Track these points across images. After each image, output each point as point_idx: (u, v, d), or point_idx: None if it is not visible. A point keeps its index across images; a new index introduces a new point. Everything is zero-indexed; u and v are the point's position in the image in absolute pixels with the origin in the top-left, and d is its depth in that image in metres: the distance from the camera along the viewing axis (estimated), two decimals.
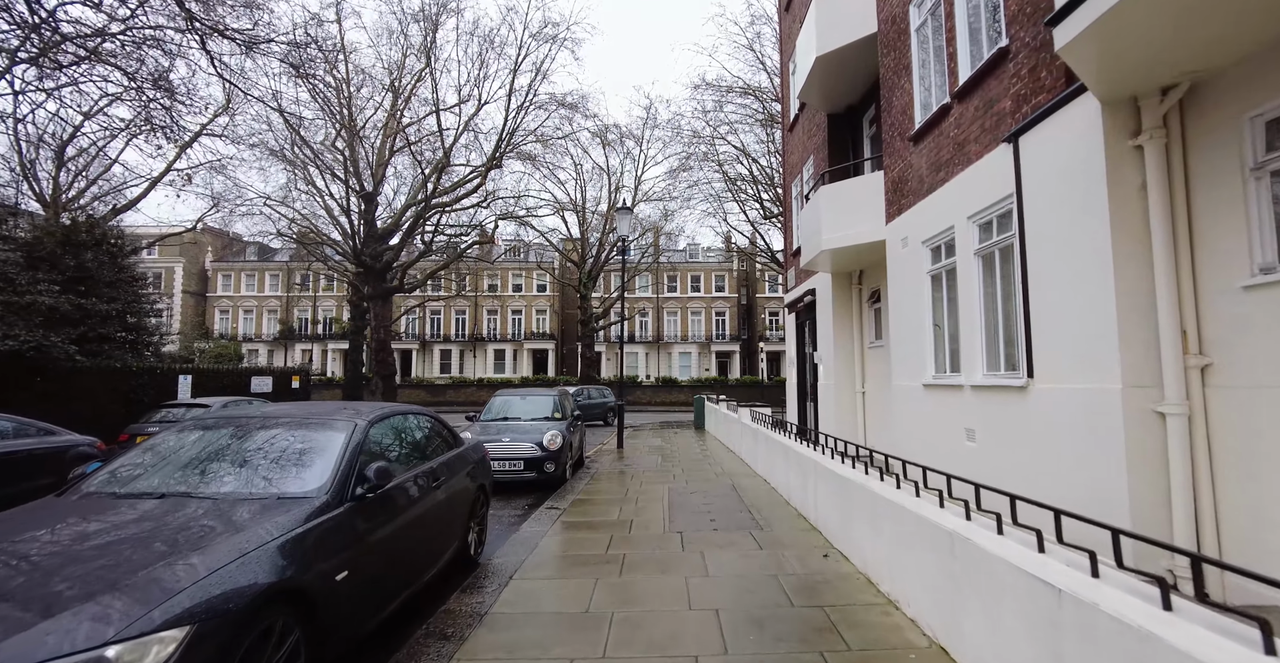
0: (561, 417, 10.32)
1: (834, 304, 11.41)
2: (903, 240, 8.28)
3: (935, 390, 7.35)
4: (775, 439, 8.17)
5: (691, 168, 30.89)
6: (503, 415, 10.34)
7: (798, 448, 6.86)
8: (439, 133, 25.01)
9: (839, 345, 11.35)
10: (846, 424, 11.13)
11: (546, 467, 9.01)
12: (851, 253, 9.86)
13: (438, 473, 4.78)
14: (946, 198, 7.06)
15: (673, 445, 14.27)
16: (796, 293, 13.83)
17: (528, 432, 9.44)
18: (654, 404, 39.50)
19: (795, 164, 14.24)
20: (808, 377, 13.64)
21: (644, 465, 10.88)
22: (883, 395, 10.28)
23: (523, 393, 11.08)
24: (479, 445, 6.14)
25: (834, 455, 5.99)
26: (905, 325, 8.26)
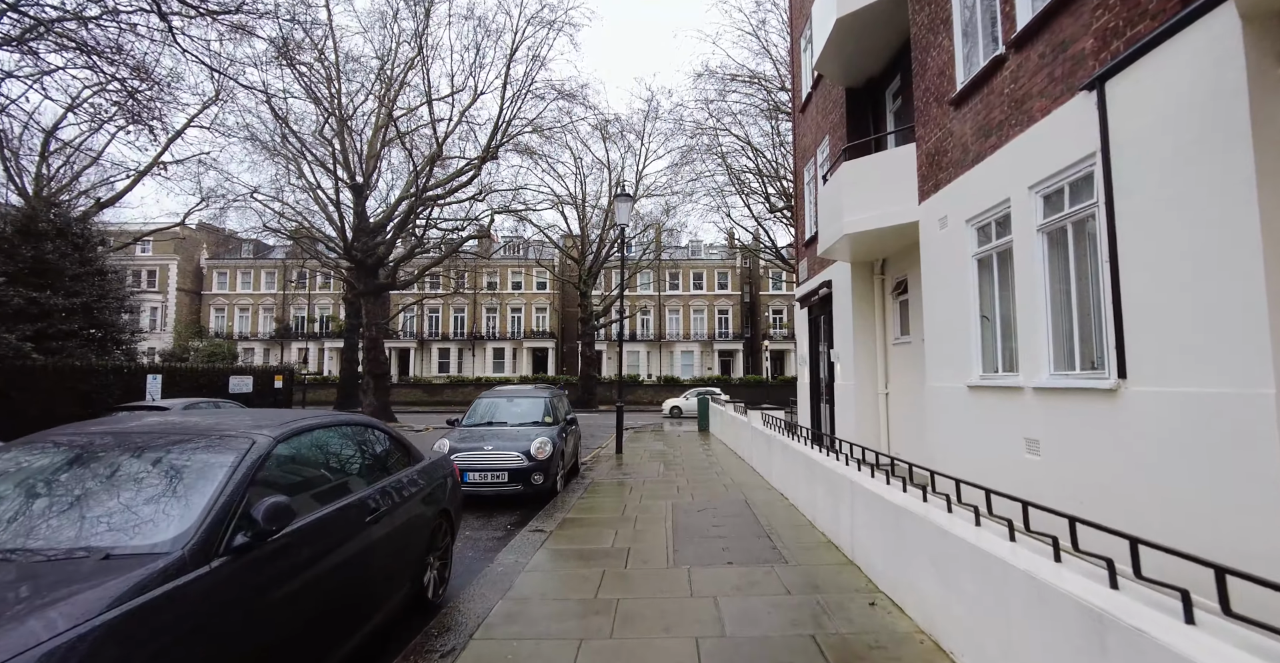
0: (553, 421, 9.24)
1: (853, 297, 10.30)
2: (940, 220, 7.18)
3: (984, 393, 6.26)
4: (795, 449, 7.07)
5: (694, 160, 29.79)
6: (487, 420, 9.25)
7: (826, 462, 5.76)
8: (432, 123, 23.92)
9: (859, 342, 10.24)
10: (867, 429, 10.03)
11: (534, 479, 7.93)
12: (876, 238, 8.76)
13: (378, 503, 3.70)
14: (999, 167, 5.96)
15: (676, 450, 13.18)
16: (809, 285, 12.73)
17: (514, 438, 8.36)
18: (656, 404, 38.41)
19: (808, 146, 13.14)
20: (821, 376, 12.54)
21: (645, 475, 9.80)
22: (910, 398, 9.19)
23: (510, 394, 9.99)
24: (441, 463, 5.05)
25: (874, 473, 4.90)
26: (943, 318, 7.16)
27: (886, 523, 4.19)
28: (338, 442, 3.79)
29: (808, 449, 6.70)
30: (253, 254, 46.09)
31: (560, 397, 10.69)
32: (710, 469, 10.24)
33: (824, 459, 5.95)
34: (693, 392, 31.19)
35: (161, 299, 44.17)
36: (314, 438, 3.53)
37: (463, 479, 7.81)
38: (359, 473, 3.80)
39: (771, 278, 45.85)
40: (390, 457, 4.30)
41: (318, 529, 3.07)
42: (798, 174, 14.18)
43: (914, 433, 9.09)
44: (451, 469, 5.23)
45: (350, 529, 3.36)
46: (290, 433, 3.30)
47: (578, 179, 34.70)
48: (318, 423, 3.63)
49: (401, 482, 4.17)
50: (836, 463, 5.62)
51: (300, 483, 3.23)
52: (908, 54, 9.06)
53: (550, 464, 8.09)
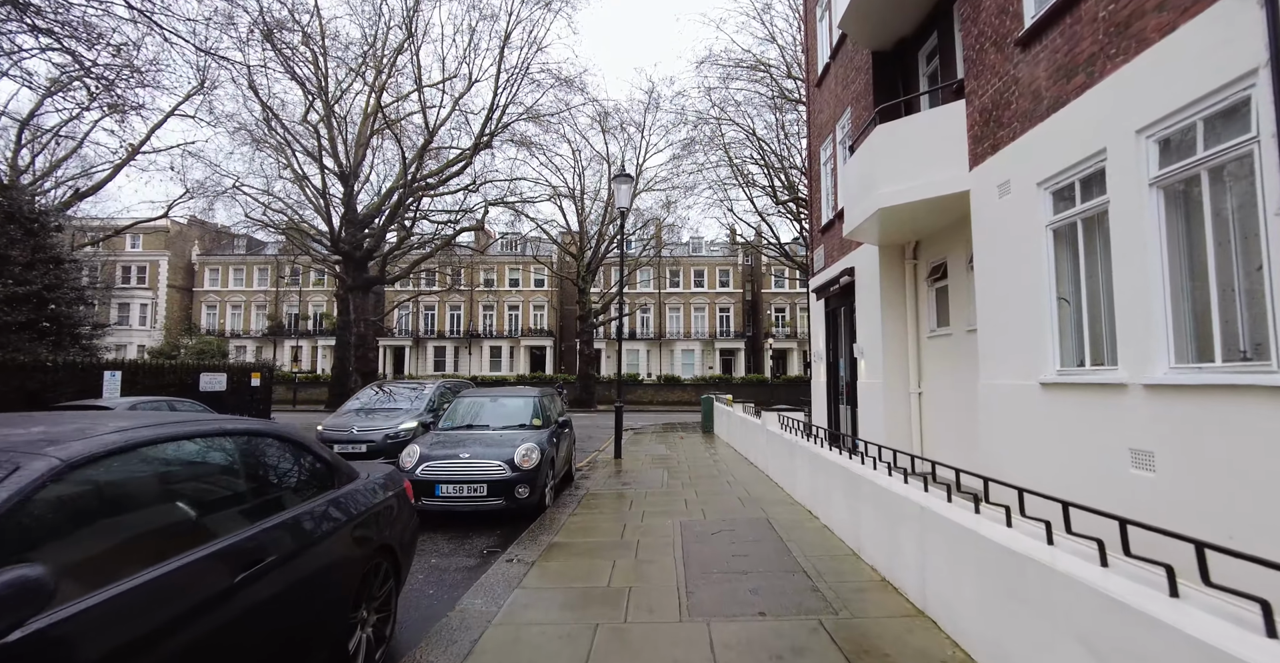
0: (542, 424, 8.03)
1: (882, 284, 9.11)
2: (1000, 187, 5.98)
3: (1064, 392, 5.06)
4: (828, 460, 5.87)
5: (696, 152, 28.58)
6: (466, 423, 8.04)
7: (879, 480, 4.55)
8: (422, 110, 22.71)
9: (888, 335, 9.05)
10: (897, 433, 8.84)
11: (519, 492, 6.72)
12: (912, 214, 7.56)
13: (263, 549, 2.51)
14: (1089, 111, 4.76)
15: (679, 454, 11.98)
16: (828, 274, 11.52)
17: (496, 444, 7.16)
18: (656, 403, 37.23)
19: (825, 123, 11.94)
20: (841, 374, 11.34)
21: (647, 484, 8.60)
22: (949, 398, 7.99)
23: (494, 394, 8.78)
24: (382, 482, 3.85)
25: (950, 495, 3.71)
26: (1003, 304, 5.97)
27: (991, 571, 2.99)
28: (198, 462, 2.58)
29: (848, 461, 5.50)
30: (245, 250, 44.85)
31: (552, 396, 9.48)
32: (720, 478, 9.03)
33: (876, 476, 4.74)
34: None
35: (152, 296, 42.95)
36: (153, 458, 2.32)
37: (435, 493, 6.64)
38: (236, 507, 2.59)
39: (774, 275, 44.61)
40: (296, 479, 3.10)
41: (125, 607, 1.87)
42: (812, 154, 12.99)
43: (954, 438, 7.89)
44: (400, 489, 4.02)
45: (202, 594, 2.16)
46: (102, 452, 2.09)
47: (576, 173, 33.49)
48: (164, 434, 2.41)
49: (313, 514, 2.97)
50: (895, 482, 4.41)
51: (108, 532, 2.03)
52: (946, 7, 7.88)
53: (538, 475, 6.88)
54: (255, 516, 2.62)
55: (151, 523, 2.20)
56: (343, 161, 22.17)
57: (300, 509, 2.90)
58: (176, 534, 2.24)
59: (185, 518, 2.36)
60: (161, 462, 2.36)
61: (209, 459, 2.63)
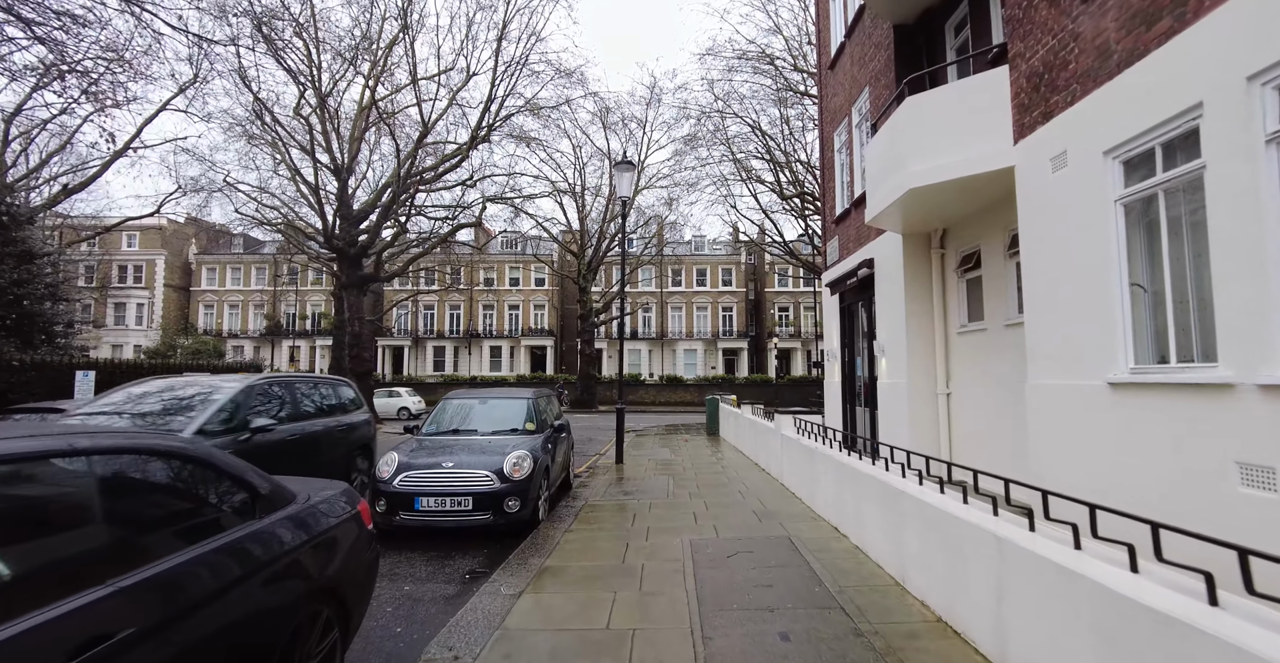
0: (536, 428, 7.27)
1: (906, 276, 8.34)
2: (1055, 159, 5.21)
3: (1142, 394, 4.29)
4: (863, 473, 5.09)
5: (699, 147, 27.81)
6: (452, 427, 7.27)
7: (939, 503, 3.77)
8: (418, 104, 21.96)
9: (912, 332, 8.28)
10: (923, 437, 8.07)
11: (509, 505, 5.97)
12: (944, 196, 6.80)
13: (118, 615, 1.76)
14: (1178, 62, 4.00)
15: (684, 459, 11.22)
16: (843, 267, 10.75)
17: (484, 452, 6.40)
18: (658, 404, 36.50)
19: (839, 106, 11.17)
20: (858, 374, 10.57)
21: (651, 493, 7.84)
22: (982, 399, 7.23)
23: (484, 395, 8.00)
24: (333, 503, 3.10)
25: (1032, 524, 2.94)
26: (1058, 293, 5.20)
27: (1120, 634, 2.22)
28: (37, 497, 1.82)
29: (884, 474, 4.73)
30: (243, 249, 44.16)
31: (548, 398, 8.73)
32: (730, 487, 8.27)
33: (924, 493, 3.98)
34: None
35: (148, 295, 42.28)
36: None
37: (414, 507, 5.89)
38: (80, 560, 1.84)
39: (778, 274, 43.87)
40: (191, 511, 2.35)
41: None
42: (825, 141, 12.22)
43: (988, 444, 7.13)
44: (352, 513, 3.27)
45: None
46: None
47: (576, 169, 32.77)
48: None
49: (212, 557, 2.21)
50: (953, 502, 3.64)
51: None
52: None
53: (529, 486, 6.12)
54: (112, 567, 1.86)
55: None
56: (337, 156, 21.44)
57: (193, 553, 2.15)
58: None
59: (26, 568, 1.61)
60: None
61: (43, 492, 1.87)
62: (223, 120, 36.00)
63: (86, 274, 41.31)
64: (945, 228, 8.14)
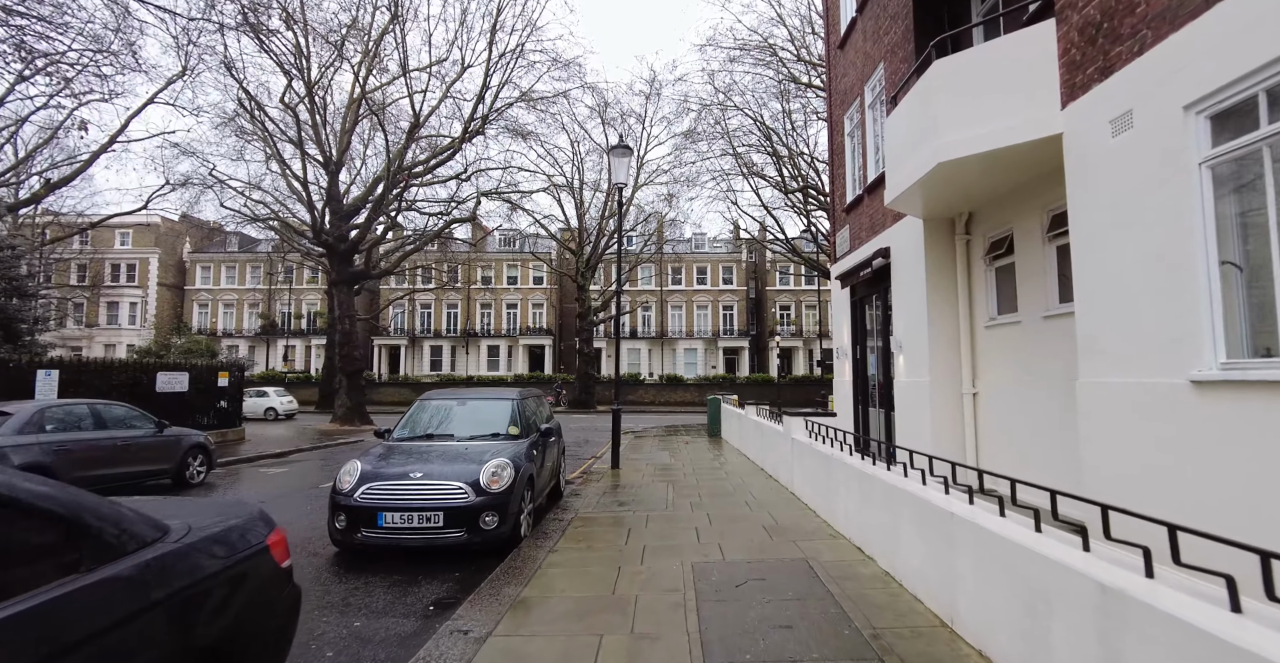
0: (520, 433, 6.50)
1: (927, 265, 7.58)
2: (1117, 120, 4.45)
3: (1240, 394, 3.53)
4: (898, 488, 4.31)
5: (699, 141, 27.02)
6: (426, 432, 6.50)
7: (1017, 536, 2.97)
8: (409, 96, 21.20)
9: (935, 326, 7.52)
10: (946, 441, 7.31)
11: (485, 521, 5.21)
12: (976, 171, 6.04)
13: None
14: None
15: (685, 463, 10.46)
16: (855, 258, 9.99)
17: (459, 460, 5.64)
18: (658, 404, 35.76)
19: (850, 87, 10.40)
20: (871, 373, 9.82)
21: (648, 503, 7.08)
22: (1015, 399, 6.48)
23: (463, 396, 7.22)
24: (226, 537, 2.34)
25: (1149, 567, 2.19)
26: (1121, 275, 4.44)
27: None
28: None
29: (926, 491, 3.97)
30: (238, 248, 43.40)
31: (537, 399, 7.97)
32: (736, 497, 7.51)
33: (985, 519, 3.21)
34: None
35: (142, 294, 41.53)
36: None
37: (377, 523, 5.13)
38: None
39: (779, 272, 43.09)
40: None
41: None
42: (834, 125, 11.45)
43: (1022, 449, 6.38)
44: (256, 547, 2.51)
45: None
46: None
47: (575, 165, 32.02)
48: None
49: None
50: (1048, 543, 2.84)
51: None
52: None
53: (509, 498, 5.37)
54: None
55: None
56: (327, 150, 20.68)
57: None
58: None
59: None
60: None
61: None
62: (212, 114, 35.12)
63: (79, 272, 40.60)
64: (971, 211, 7.38)
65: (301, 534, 6.22)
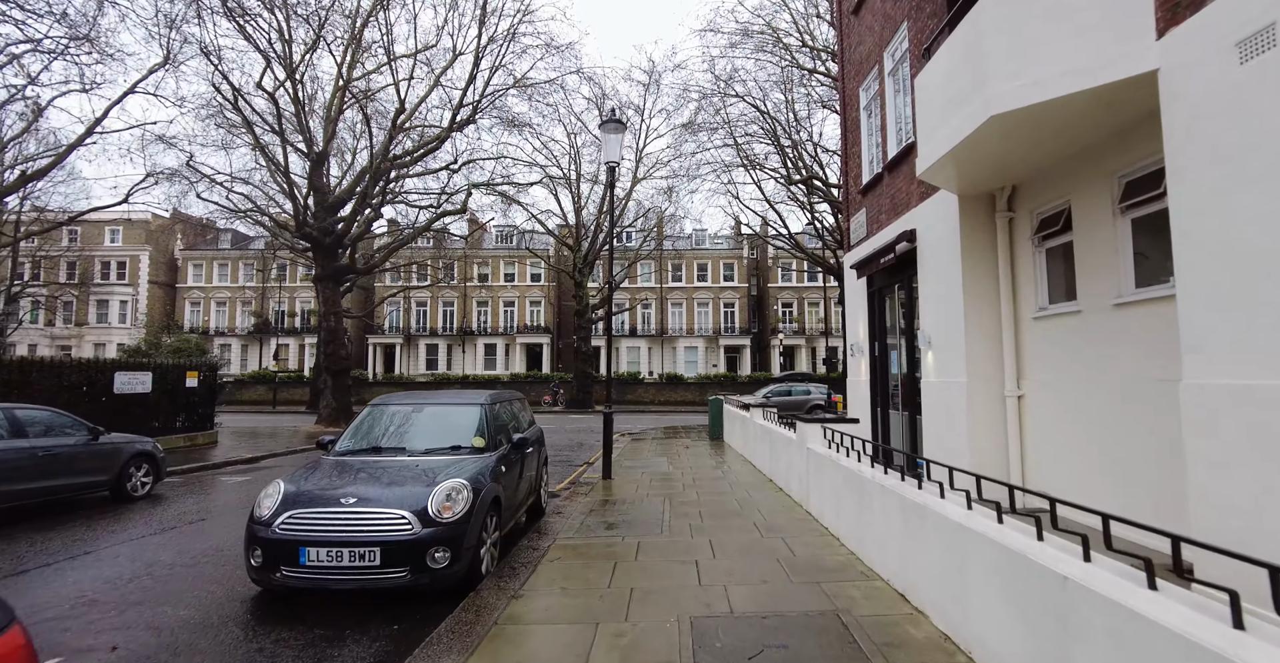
0: (487, 445, 5.43)
1: (963, 248, 6.51)
2: (1247, 42, 3.38)
3: None
4: (974, 532, 3.22)
5: (700, 131, 25.93)
6: (373, 444, 5.42)
7: (1200, 635, 1.89)
8: (395, 84, 20.12)
9: (972, 317, 6.46)
10: (986, 451, 6.26)
11: (435, 558, 4.15)
12: (1034, 129, 4.96)
13: None
14: None
15: (685, 471, 9.40)
16: (874, 244, 8.90)
17: (406, 480, 4.57)
18: (658, 403, 34.69)
19: (868, 53, 9.31)
20: (893, 372, 8.75)
21: (641, 525, 6.02)
22: (1073, 403, 5.42)
23: (424, 400, 6.10)
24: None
25: None
26: (1252, 245, 3.37)
27: None
28: None
29: (1023, 541, 2.88)
30: (230, 244, 42.37)
31: (514, 404, 6.91)
32: (744, 516, 6.45)
33: (1144, 603, 2.12)
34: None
35: (132, 292, 40.51)
36: None
37: (299, 561, 4.08)
38: None
39: (781, 269, 41.96)
40: None
41: None
42: (848, 99, 10.36)
43: (1083, 464, 5.31)
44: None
45: None
46: None
47: (571, 158, 30.94)
48: None
49: None
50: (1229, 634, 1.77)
51: None
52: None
53: (466, 529, 4.31)
54: None
55: None
56: (310, 139, 19.61)
57: None
58: None
59: None
60: None
61: None
62: (196, 104, 33.98)
63: (69, 270, 39.58)
64: (1014, 185, 6.30)
65: (230, 566, 5.18)
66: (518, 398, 7.21)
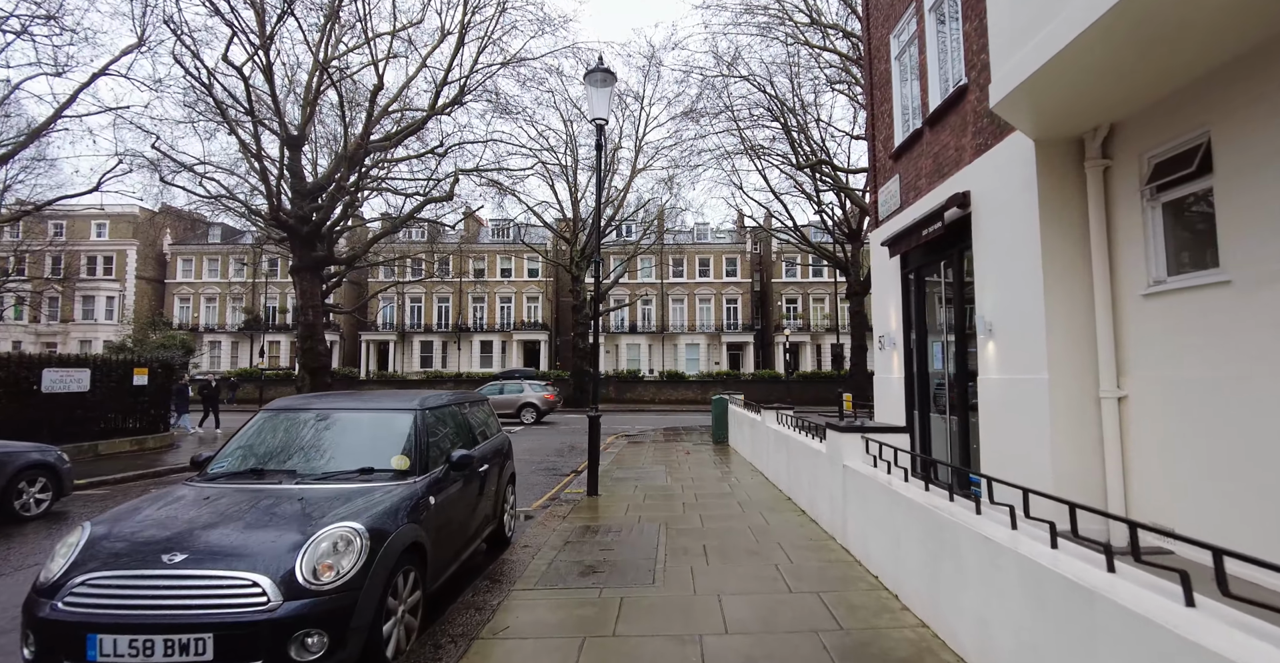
0: (410, 469, 3.90)
1: (1043, 208, 5.01)
2: None
3: None
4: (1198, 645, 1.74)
5: (702, 117, 24.40)
6: (257, 465, 3.88)
7: None
8: (373, 64, 18.66)
9: (1054, 296, 4.96)
10: (1074, 469, 4.77)
11: (303, 648, 2.67)
12: (1177, 25, 3.47)
13: None
14: None
15: (685, 486, 7.93)
16: (913, 214, 7.39)
17: (274, 522, 3.08)
18: (658, 402, 33.22)
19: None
20: (936, 367, 7.26)
21: (628, 567, 4.54)
22: (1209, 408, 3.92)
23: (333, 404, 4.50)
24: None
25: None
26: None
27: None
28: None
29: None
30: (220, 239, 40.95)
31: (476, 407, 5.43)
32: (762, 554, 4.97)
33: None
34: None
35: (119, 287, 39.10)
36: None
37: (86, 655, 2.58)
38: None
39: (785, 263, 40.39)
40: None
41: None
42: (875, 51, 8.84)
43: (1226, 489, 3.82)
44: None
45: None
46: None
47: (568, 148, 29.44)
48: None
49: None
50: None
51: None
52: None
53: (355, 599, 2.83)
54: None
55: None
56: (284, 119, 18.13)
57: None
58: None
59: None
60: None
61: None
62: (173, 88, 32.43)
63: (54, 265, 38.20)
64: (1114, 122, 4.80)
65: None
66: (476, 400, 5.72)
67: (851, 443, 5.02)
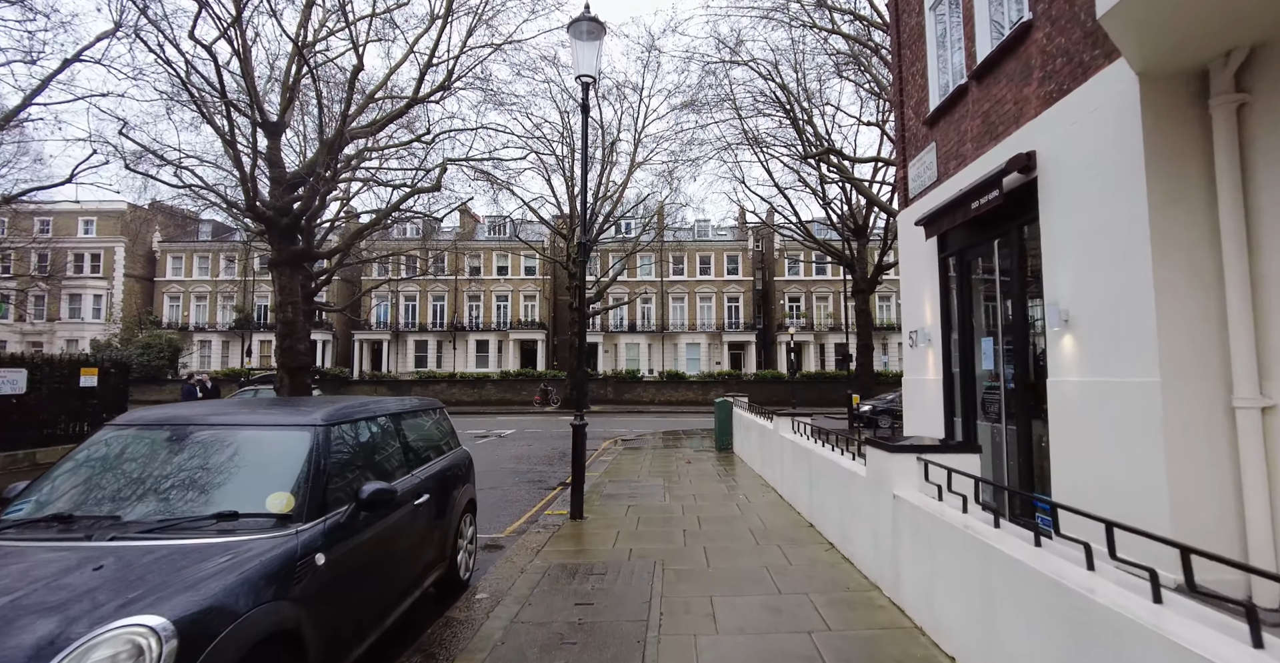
0: (297, 511, 2.71)
1: (1149, 163, 3.84)
2: None
3: None
4: None
5: (703, 109, 23.24)
6: (71, 507, 2.63)
7: None
8: (353, 47, 17.46)
9: (1167, 277, 3.79)
10: (1201, 501, 3.59)
11: None
12: None
13: None
14: None
15: (686, 506, 6.75)
16: (957, 185, 6.19)
17: (30, 612, 1.91)
18: (658, 403, 32.03)
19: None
20: (985, 367, 6.07)
21: (611, 633, 3.37)
22: None
23: (198, 417, 3.14)
24: None
25: None
26: None
27: None
28: None
29: None
30: (211, 236, 39.78)
31: (424, 417, 4.26)
32: (786, 611, 3.80)
33: None
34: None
35: (107, 285, 37.94)
36: None
37: None
38: None
39: (788, 261, 39.18)
40: None
41: None
42: (903, 5, 7.65)
43: None
44: None
45: None
46: None
47: (565, 141, 28.26)
48: None
49: None
50: None
51: None
52: None
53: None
54: None
55: None
56: (259, 102, 16.94)
57: None
58: None
59: None
60: None
61: None
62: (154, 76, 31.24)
63: (39, 262, 37.03)
64: (1257, 42, 3.62)
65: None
66: (426, 409, 4.53)
67: (903, 465, 3.83)
